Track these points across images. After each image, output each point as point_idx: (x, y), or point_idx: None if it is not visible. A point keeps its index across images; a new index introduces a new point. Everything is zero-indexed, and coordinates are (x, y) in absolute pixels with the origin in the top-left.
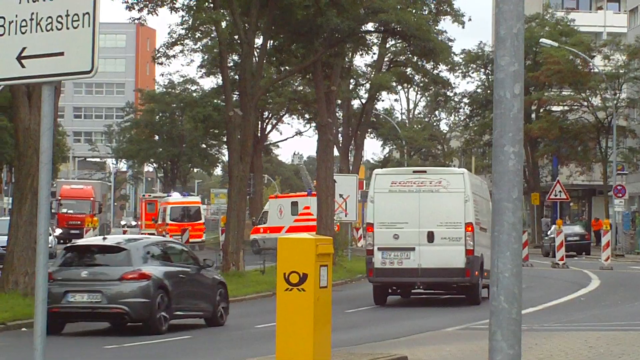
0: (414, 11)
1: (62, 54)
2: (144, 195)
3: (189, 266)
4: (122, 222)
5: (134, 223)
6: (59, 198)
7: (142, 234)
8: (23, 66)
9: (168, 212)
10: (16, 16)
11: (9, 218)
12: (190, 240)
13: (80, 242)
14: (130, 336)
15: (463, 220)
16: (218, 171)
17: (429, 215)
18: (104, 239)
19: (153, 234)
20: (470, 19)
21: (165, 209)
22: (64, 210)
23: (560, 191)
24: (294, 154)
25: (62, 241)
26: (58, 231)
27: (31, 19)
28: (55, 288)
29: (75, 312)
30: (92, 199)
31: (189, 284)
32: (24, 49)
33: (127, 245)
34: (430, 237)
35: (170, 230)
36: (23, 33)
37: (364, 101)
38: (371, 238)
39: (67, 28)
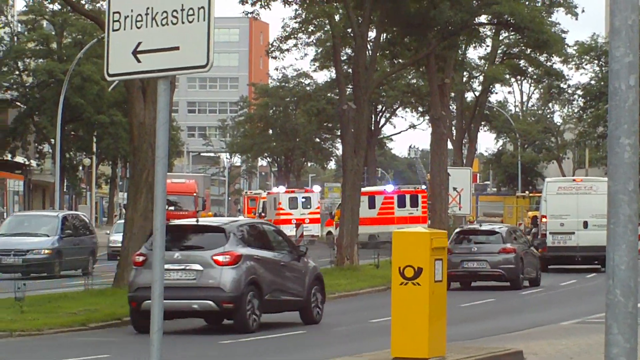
0: (527, 3)
1: (177, 48)
2: (246, 192)
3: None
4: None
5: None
6: None
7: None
8: (139, 61)
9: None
10: (132, 11)
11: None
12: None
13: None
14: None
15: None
16: (332, 165)
17: (584, 210)
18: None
19: None
20: (583, 11)
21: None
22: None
23: None
24: (410, 147)
25: None
26: None
27: (146, 14)
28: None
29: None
30: (195, 194)
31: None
32: (139, 43)
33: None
34: (585, 224)
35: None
36: (138, 28)
37: (477, 94)
38: (545, 225)
39: (183, 22)
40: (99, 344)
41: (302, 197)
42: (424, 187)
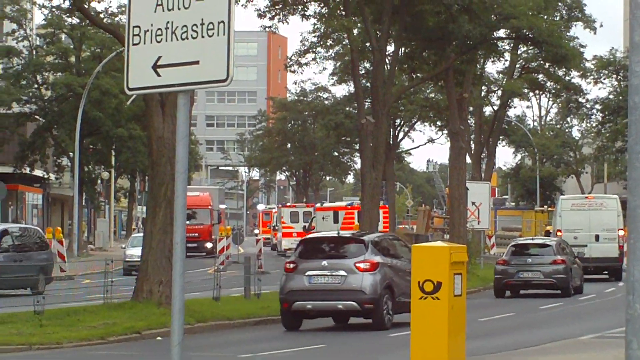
0: (545, 17)
1: (197, 62)
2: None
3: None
4: (255, 231)
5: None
6: None
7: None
8: (159, 75)
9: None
10: (152, 25)
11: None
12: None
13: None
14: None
15: (616, 227)
16: (350, 179)
17: (595, 224)
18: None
19: (269, 238)
20: (601, 25)
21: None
22: None
23: None
24: (428, 161)
25: None
26: None
27: (166, 28)
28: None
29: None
30: (209, 207)
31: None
32: (159, 57)
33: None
34: (597, 238)
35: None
36: (158, 42)
37: (495, 108)
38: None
39: (202, 37)
40: (118, 357)
41: (303, 212)
42: (382, 202)
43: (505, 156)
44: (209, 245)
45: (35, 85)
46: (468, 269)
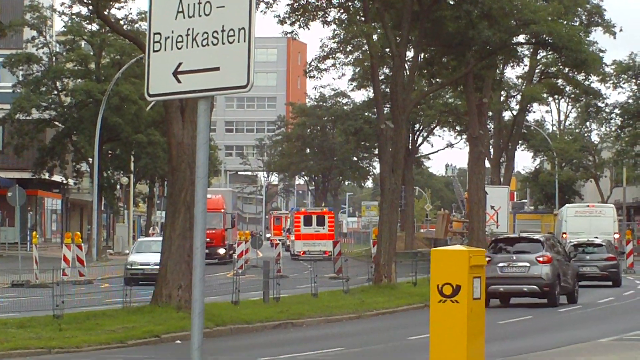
0: (565, 22)
1: (217, 69)
2: (272, 212)
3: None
4: (267, 235)
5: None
6: None
7: (277, 243)
8: (179, 81)
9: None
10: (172, 32)
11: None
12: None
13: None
14: None
15: (612, 231)
16: (369, 184)
17: (595, 229)
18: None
19: (281, 239)
20: (621, 30)
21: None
22: None
23: None
24: (447, 165)
25: None
26: None
27: (187, 35)
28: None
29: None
30: (222, 210)
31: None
32: (180, 64)
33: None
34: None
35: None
36: (179, 49)
37: (515, 113)
38: (565, 240)
39: (223, 43)
40: None
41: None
42: (326, 209)
43: (524, 160)
44: (221, 251)
45: (55, 92)
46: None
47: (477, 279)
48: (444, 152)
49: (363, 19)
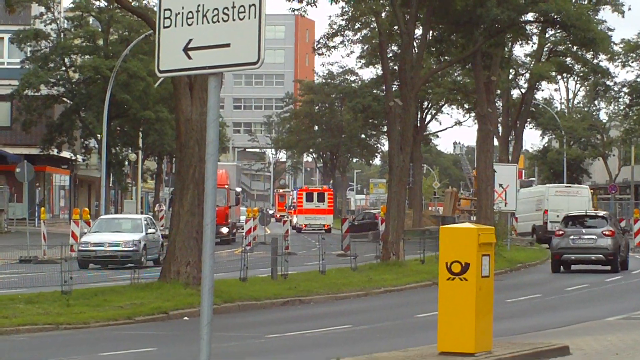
0: (573, 1)
1: (228, 45)
2: (277, 190)
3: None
4: (270, 211)
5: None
6: None
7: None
8: (189, 57)
9: None
10: (183, 8)
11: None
12: None
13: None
14: None
15: (587, 209)
16: (377, 161)
17: (572, 206)
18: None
19: (283, 215)
20: (630, 8)
21: None
22: None
23: None
24: (455, 143)
25: None
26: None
27: (197, 11)
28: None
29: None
30: (226, 186)
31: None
32: (190, 40)
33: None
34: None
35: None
36: (189, 25)
37: (523, 91)
38: (547, 217)
39: (234, 19)
40: (145, 337)
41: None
42: (326, 186)
43: (533, 139)
44: (224, 230)
45: (63, 68)
46: (495, 251)
47: (485, 257)
48: (453, 130)
49: None
